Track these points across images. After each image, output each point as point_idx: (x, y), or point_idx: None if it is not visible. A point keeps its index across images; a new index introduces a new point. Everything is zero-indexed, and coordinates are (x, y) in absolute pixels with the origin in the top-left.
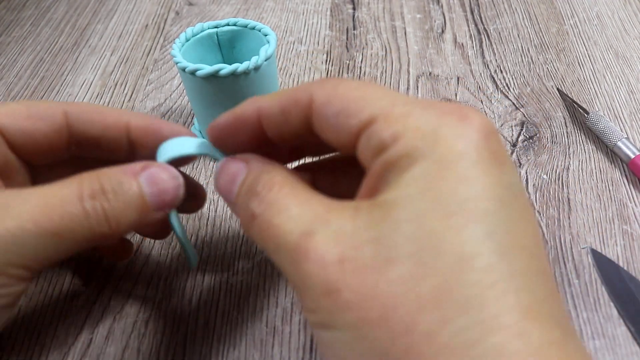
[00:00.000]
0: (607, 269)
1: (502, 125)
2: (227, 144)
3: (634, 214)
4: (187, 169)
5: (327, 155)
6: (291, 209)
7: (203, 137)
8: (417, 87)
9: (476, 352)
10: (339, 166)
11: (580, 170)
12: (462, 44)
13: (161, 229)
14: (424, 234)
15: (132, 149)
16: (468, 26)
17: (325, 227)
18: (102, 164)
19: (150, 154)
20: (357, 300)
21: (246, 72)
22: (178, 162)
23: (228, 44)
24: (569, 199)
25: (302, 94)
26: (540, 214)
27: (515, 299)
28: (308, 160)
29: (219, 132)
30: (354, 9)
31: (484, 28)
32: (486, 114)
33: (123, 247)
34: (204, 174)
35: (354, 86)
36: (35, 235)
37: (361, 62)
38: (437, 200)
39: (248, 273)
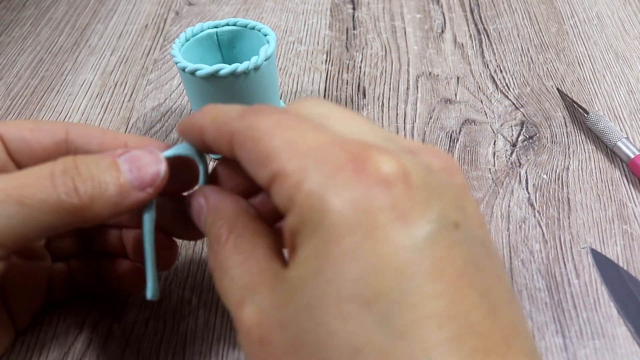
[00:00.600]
0: (607, 269)
1: (502, 125)
2: (190, 141)
3: (634, 213)
4: None
5: None
6: (232, 269)
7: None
8: (417, 87)
9: None
10: None
11: (580, 170)
12: (462, 44)
13: (189, 227)
14: (316, 326)
15: None
16: (468, 26)
17: (252, 300)
18: None
19: None
20: None
21: (246, 72)
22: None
23: (228, 44)
24: (568, 199)
25: (224, 129)
26: (540, 214)
27: None
28: None
29: (181, 133)
30: (353, 8)
31: (484, 28)
32: (486, 114)
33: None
34: None
35: (268, 127)
36: (1, 202)
37: (361, 62)
38: (328, 286)
39: None
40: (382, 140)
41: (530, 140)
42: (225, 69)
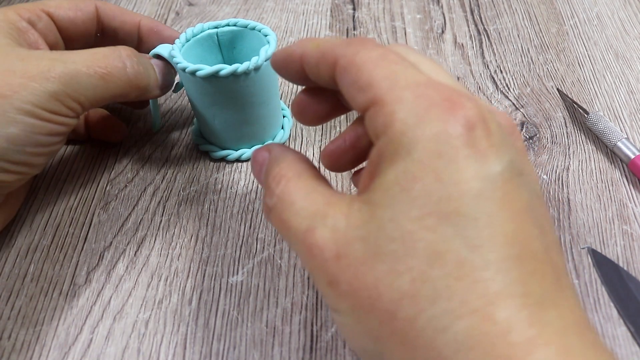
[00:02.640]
0: (607, 269)
1: None
2: (283, 73)
3: (634, 214)
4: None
5: None
6: (296, 203)
7: (203, 139)
8: None
9: (447, 336)
10: None
11: (580, 171)
12: (462, 44)
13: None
14: (402, 234)
15: (139, 42)
16: (468, 26)
17: (323, 223)
18: None
19: (151, 49)
20: (352, 291)
21: (246, 73)
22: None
23: (228, 44)
24: (568, 199)
25: (330, 53)
26: None
27: (484, 287)
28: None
29: (276, 63)
30: (354, 9)
31: (484, 28)
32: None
33: (116, 128)
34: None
35: (372, 57)
36: (87, 75)
37: None
38: (414, 202)
39: (248, 273)
40: (466, 92)
41: (531, 141)
42: (226, 69)
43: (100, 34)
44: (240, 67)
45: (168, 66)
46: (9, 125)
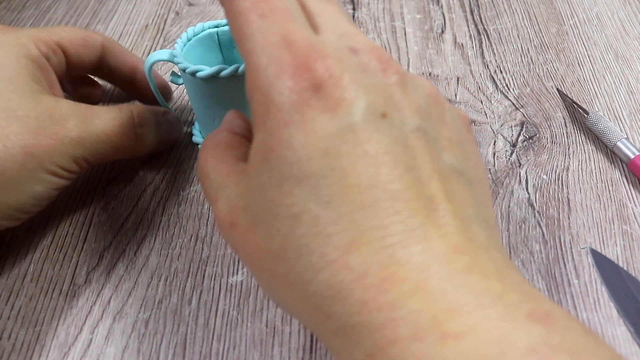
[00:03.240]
0: (606, 269)
1: (501, 125)
2: None
3: (634, 214)
4: None
5: None
6: (209, 174)
7: (203, 139)
8: None
9: (312, 287)
10: None
11: (580, 171)
12: (462, 44)
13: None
14: (267, 202)
15: (131, 83)
16: (468, 26)
17: (222, 193)
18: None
19: (145, 93)
20: (245, 254)
21: None
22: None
23: (229, 44)
24: (568, 199)
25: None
26: (540, 214)
27: (338, 239)
28: None
29: None
30: (353, 9)
31: (484, 28)
32: (486, 115)
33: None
34: None
35: (245, 7)
36: (104, 143)
37: None
38: (272, 170)
39: (248, 273)
40: (336, 37)
41: (530, 141)
42: (226, 70)
43: (98, 68)
44: (241, 67)
45: (176, 122)
46: (36, 183)
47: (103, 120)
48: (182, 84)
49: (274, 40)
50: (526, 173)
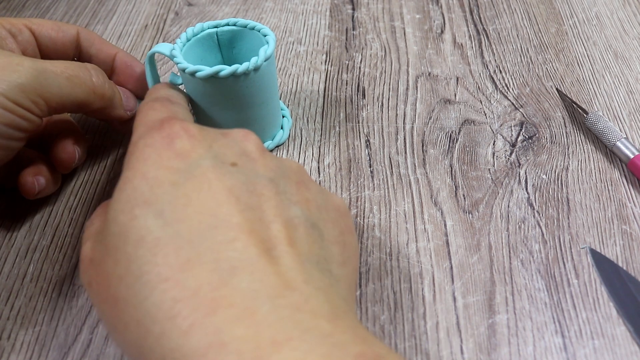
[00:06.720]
0: (606, 269)
1: (501, 125)
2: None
3: (633, 214)
4: None
5: None
6: (93, 222)
7: None
8: (417, 87)
9: (146, 305)
10: None
11: (580, 171)
12: (462, 44)
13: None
14: (120, 227)
15: (112, 73)
16: (467, 26)
17: (90, 232)
18: None
19: (121, 82)
20: (96, 288)
21: (246, 73)
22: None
23: (228, 44)
24: (568, 199)
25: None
26: (539, 214)
27: (174, 258)
28: None
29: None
30: (353, 9)
31: (483, 28)
32: (485, 115)
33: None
34: None
35: (144, 106)
36: (54, 74)
37: (360, 62)
38: (127, 199)
39: None
40: (182, 121)
41: (530, 141)
42: (225, 70)
43: (77, 58)
44: (240, 67)
45: (131, 93)
46: None
47: (51, 60)
48: (181, 84)
49: (153, 118)
50: (525, 173)
